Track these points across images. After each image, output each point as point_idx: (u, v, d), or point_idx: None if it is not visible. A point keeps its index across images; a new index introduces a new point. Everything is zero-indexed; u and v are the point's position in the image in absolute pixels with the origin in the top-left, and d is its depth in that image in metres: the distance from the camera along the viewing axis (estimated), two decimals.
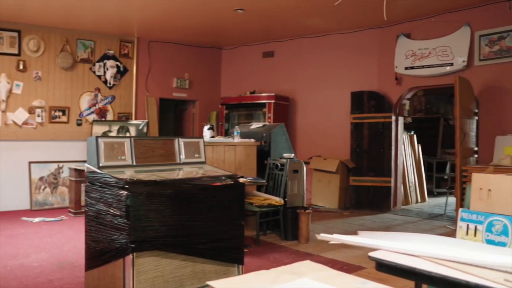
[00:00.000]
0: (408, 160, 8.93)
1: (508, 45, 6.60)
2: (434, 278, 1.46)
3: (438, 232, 6.39)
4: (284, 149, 6.53)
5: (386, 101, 7.94)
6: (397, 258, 1.60)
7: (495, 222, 2.14)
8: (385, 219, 7.32)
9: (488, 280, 1.32)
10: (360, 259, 4.76)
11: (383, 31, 8.07)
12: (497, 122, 6.68)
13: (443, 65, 7.17)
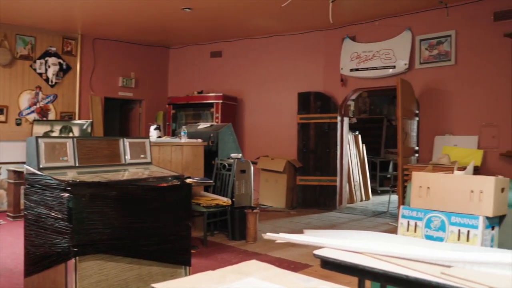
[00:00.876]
0: (353, 160, 9.16)
1: (446, 50, 6.90)
2: (376, 273, 1.50)
3: (381, 229, 6.59)
4: (231, 149, 6.53)
5: (331, 102, 8.10)
6: (341, 255, 1.64)
7: (434, 218, 2.23)
8: (331, 217, 7.46)
9: (426, 274, 1.37)
10: (306, 257, 4.83)
11: (329, 33, 8.24)
12: (436, 123, 6.97)
13: (386, 68, 7.41)
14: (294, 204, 8.31)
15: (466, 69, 6.74)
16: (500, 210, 2.15)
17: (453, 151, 6.44)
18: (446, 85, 6.92)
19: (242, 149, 7.59)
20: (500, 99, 6.45)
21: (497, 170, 6.18)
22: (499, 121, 6.44)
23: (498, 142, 6.42)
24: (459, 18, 6.80)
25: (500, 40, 6.42)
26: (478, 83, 6.63)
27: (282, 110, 8.74)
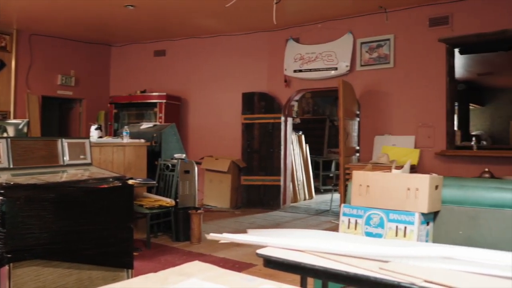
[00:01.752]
0: (297, 159, 9.29)
1: (386, 53, 7.14)
2: (317, 271, 1.52)
3: (324, 227, 6.72)
4: (175, 149, 6.45)
5: (275, 102, 8.19)
6: (284, 254, 1.65)
7: (373, 215, 2.30)
8: (275, 216, 7.54)
9: (365, 269, 1.41)
10: (251, 257, 4.85)
11: (273, 34, 8.31)
12: (376, 123, 7.20)
13: (328, 69, 7.57)
14: (239, 204, 8.32)
15: (404, 72, 7.00)
16: (434, 206, 2.25)
17: (392, 150, 6.67)
18: (385, 87, 7.16)
19: (186, 150, 7.52)
20: (435, 101, 6.75)
21: (432, 169, 6.46)
22: (434, 122, 6.74)
23: (433, 142, 6.72)
24: (398, 23, 7.06)
25: (435, 45, 6.72)
26: (415, 85, 6.91)
27: (226, 110, 8.73)
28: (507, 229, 2.22)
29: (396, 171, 2.40)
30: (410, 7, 6.94)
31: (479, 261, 1.52)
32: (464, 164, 6.47)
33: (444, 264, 1.46)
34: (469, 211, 2.33)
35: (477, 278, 1.32)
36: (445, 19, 6.68)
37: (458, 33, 6.58)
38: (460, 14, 6.59)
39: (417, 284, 1.27)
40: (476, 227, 2.30)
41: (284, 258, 1.61)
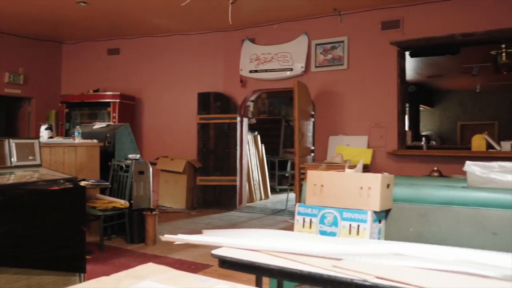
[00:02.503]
0: (253, 159, 9.32)
1: (340, 54, 7.27)
2: (272, 270, 1.53)
3: (280, 226, 6.77)
4: (129, 150, 6.34)
5: (231, 102, 8.18)
6: (239, 254, 1.65)
7: (327, 214, 2.33)
8: (231, 217, 7.53)
9: (319, 268, 1.43)
10: (207, 258, 4.82)
11: (229, 35, 8.31)
12: (330, 124, 7.32)
13: (284, 70, 7.63)
14: (195, 205, 8.26)
15: (357, 73, 7.15)
16: (386, 204, 2.31)
17: (346, 150, 6.80)
18: (339, 88, 7.29)
19: (140, 150, 7.40)
20: (387, 102, 6.93)
21: (384, 168, 6.64)
22: (386, 122, 6.92)
23: (385, 142, 6.90)
24: (351, 26, 7.20)
25: (387, 48, 6.90)
26: (368, 87, 7.07)
27: (182, 110, 8.65)
28: (455, 225, 2.31)
29: (349, 170, 2.45)
30: (363, 10, 7.09)
31: (428, 257, 1.57)
32: (414, 163, 6.68)
33: (395, 260, 1.50)
34: (419, 209, 2.40)
35: (426, 273, 1.36)
36: (396, 23, 6.87)
37: (409, 36, 6.79)
38: (411, 18, 6.80)
39: (369, 280, 1.30)
40: (425, 224, 2.38)
41: (239, 258, 1.61)
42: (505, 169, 2.29)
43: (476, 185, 2.36)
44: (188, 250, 5.18)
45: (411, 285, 1.23)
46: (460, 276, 1.33)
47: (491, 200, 2.24)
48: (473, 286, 1.25)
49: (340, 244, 1.83)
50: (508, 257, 1.59)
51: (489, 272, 1.32)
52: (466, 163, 2.39)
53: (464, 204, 2.30)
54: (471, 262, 1.50)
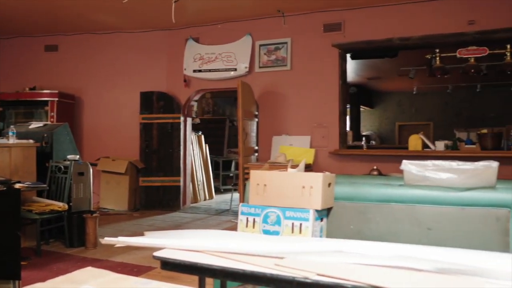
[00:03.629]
0: (197, 160, 9.26)
1: (283, 55, 7.36)
2: (215, 270, 1.52)
3: (224, 226, 6.77)
4: (68, 150, 6.13)
5: (175, 102, 8.09)
6: (181, 255, 1.63)
7: (270, 213, 2.35)
8: (175, 217, 7.44)
9: (261, 266, 1.44)
10: (150, 260, 4.73)
11: (172, 33, 8.21)
12: (274, 124, 7.40)
13: (228, 70, 7.63)
14: (137, 206, 8.10)
15: (300, 74, 7.27)
16: (327, 203, 2.35)
17: (289, 150, 6.89)
18: (282, 89, 7.38)
19: (80, 151, 7.17)
20: (329, 103, 7.09)
21: (326, 167, 6.78)
22: (328, 122, 7.08)
23: (327, 142, 7.05)
24: (294, 27, 7.31)
25: (329, 50, 7.06)
26: (310, 88, 7.20)
27: (123, 110, 8.46)
28: (392, 222, 2.39)
29: (291, 170, 2.48)
30: (306, 13, 7.22)
31: (367, 253, 1.61)
32: (355, 162, 6.87)
33: (336, 257, 1.53)
34: (359, 207, 2.46)
35: (365, 268, 1.40)
36: (338, 26, 7.04)
37: (350, 39, 6.97)
38: (352, 21, 6.98)
39: (310, 278, 1.32)
40: (365, 221, 2.45)
41: (181, 260, 1.59)
42: (438, 167, 2.39)
43: (412, 183, 2.45)
44: (130, 253, 5.07)
45: (350, 281, 1.26)
46: (397, 270, 1.38)
47: (426, 197, 2.34)
48: (407, 279, 1.30)
49: (282, 242, 1.85)
50: (441, 251, 1.66)
51: (423, 265, 1.38)
52: (403, 162, 2.47)
53: (401, 201, 2.39)
54: (407, 256, 1.56)
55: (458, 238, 2.26)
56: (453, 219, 2.29)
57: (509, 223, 2.19)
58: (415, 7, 6.65)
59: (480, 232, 2.24)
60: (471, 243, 2.23)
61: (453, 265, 1.41)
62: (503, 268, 1.42)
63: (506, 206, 2.20)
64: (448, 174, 2.35)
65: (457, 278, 1.31)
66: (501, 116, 14.00)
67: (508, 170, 5.78)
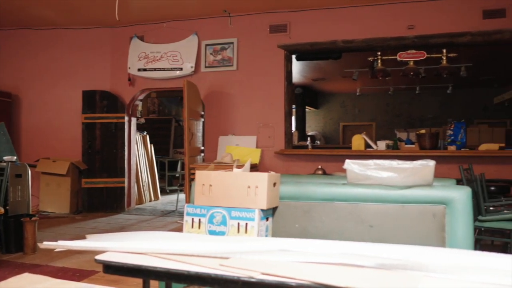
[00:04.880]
0: (142, 160, 9.09)
1: (229, 56, 7.36)
2: (159, 272, 1.50)
3: (170, 227, 6.68)
4: (4, 151, 5.84)
5: (119, 101, 7.90)
6: (124, 257, 1.60)
7: (216, 214, 2.34)
8: (119, 220, 7.27)
9: (206, 267, 1.43)
10: (93, 264, 4.56)
11: (117, 31, 8.01)
12: (220, 124, 7.38)
13: (173, 69, 7.54)
14: (80, 209, 7.85)
15: (246, 75, 7.29)
16: (273, 202, 2.38)
17: (235, 150, 6.90)
18: (229, 89, 7.38)
19: (18, 151, 6.87)
20: (275, 103, 7.15)
21: (272, 167, 6.85)
22: (274, 123, 7.14)
23: (273, 142, 7.12)
24: (241, 28, 7.32)
25: (275, 50, 7.13)
26: (256, 88, 7.24)
27: (65, 109, 8.17)
28: (336, 220, 2.44)
29: (237, 170, 2.48)
30: (252, 13, 7.25)
31: (312, 251, 1.64)
32: (300, 162, 6.97)
33: (281, 256, 1.55)
34: (304, 206, 2.50)
35: (309, 266, 1.42)
36: (283, 27, 7.12)
37: (295, 41, 7.07)
38: (297, 23, 7.08)
39: (255, 277, 1.32)
40: (310, 219, 2.49)
41: (124, 262, 1.55)
42: (380, 166, 2.47)
43: (355, 181, 2.51)
44: (72, 257, 4.90)
45: (295, 279, 1.28)
46: (340, 267, 1.41)
47: (368, 196, 2.40)
48: (350, 275, 1.33)
49: (228, 242, 1.85)
50: (382, 247, 1.71)
51: (365, 262, 1.42)
52: (346, 162, 2.53)
53: (344, 200, 2.44)
54: (350, 254, 1.59)
55: (399, 234, 2.35)
56: (393, 216, 2.37)
57: (445, 219, 2.30)
58: (358, 11, 6.83)
59: (419, 228, 2.34)
60: (410, 239, 2.32)
61: (393, 261, 1.46)
62: (439, 261, 1.48)
63: (442, 203, 2.30)
64: (388, 173, 2.43)
65: (397, 272, 1.36)
66: (438, 117, 14.69)
67: (445, 168, 6.07)
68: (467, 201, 2.28)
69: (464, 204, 2.28)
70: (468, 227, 2.28)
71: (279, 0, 6.79)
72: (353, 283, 1.23)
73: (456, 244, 2.26)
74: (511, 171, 6.05)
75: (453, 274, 1.34)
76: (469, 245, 2.27)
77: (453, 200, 2.28)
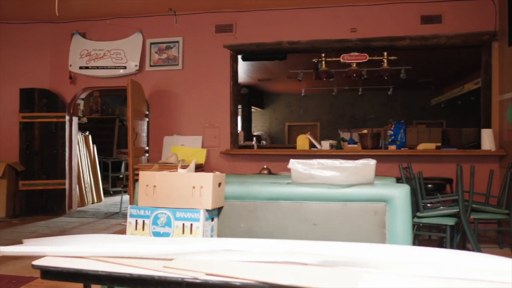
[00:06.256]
0: (84, 161, 8.82)
1: (174, 55, 7.27)
2: (100, 276, 1.46)
3: (113, 230, 6.53)
4: None
5: (59, 100, 7.63)
6: (64, 262, 1.54)
7: (160, 215, 2.31)
8: (60, 223, 7.03)
9: (149, 269, 1.41)
10: (31, 270, 4.40)
11: (57, 27, 7.73)
12: (165, 124, 7.28)
13: (117, 68, 7.36)
14: (17, 212, 7.51)
15: (192, 74, 7.24)
16: (218, 202, 2.37)
17: (181, 150, 6.83)
18: (174, 88, 7.29)
19: None
20: (221, 103, 7.14)
21: (217, 167, 6.84)
22: (220, 123, 7.13)
23: (219, 142, 7.10)
24: (186, 27, 7.26)
25: (221, 50, 7.12)
26: (202, 88, 7.20)
27: (1, 108, 7.78)
28: (281, 219, 2.47)
29: (182, 170, 2.46)
30: (198, 13, 7.20)
31: (256, 250, 1.65)
32: (246, 162, 7.00)
33: (226, 256, 1.55)
34: (249, 205, 2.51)
35: (253, 266, 1.43)
36: (229, 27, 7.12)
37: (241, 41, 7.09)
38: (243, 23, 7.10)
39: (199, 278, 1.32)
40: (255, 219, 2.50)
41: (64, 267, 1.50)
42: (323, 166, 2.51)
43: (299, 181, 2.55)
44: (8, 263, 4.69)
45: (238, 278, 1.28)
46: (284, 265, 1.43)
47: (312, 194, 2.45)
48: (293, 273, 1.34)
49: (172, 244, 1.83)
50: (326, 245, 1.75)
51: (309, 259, 1.44)
52: (290, 161, 2.56)
53: (289, 199, 2.47)
54: (294, 252, 1.62)
55: (341, 232, 2.40)
56: (336, 214, 2.42)
57: (385, 216, 2.37)
58: (304, 13, 6.94)
59: (361, 226, 2.40)
60: (353, 236, 2.38)
61: (336, 258, 1.49)
62: (380, 257, 1.53)
63: (382, 201, 2.38)
64: (331, 172, 2.48)
65: (340, 269, 1.39)
66: (380, 118, 15.20)
67: (385, 167, 6.28)
68: (406, 198, 2.37)
69: (403, 202, 2.36)
70: (407, 223, 2.37)
71: (225, 0, 6.79)
72: (296, 281, 1.25)
73: (396, 240, 2.34)
74: (447, 170, 6.34)
75: (392, 269, 1.38)
76: (408, 240, 2.36)
77: (393, 198, 2.36)
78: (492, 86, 6.46)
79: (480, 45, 6.60)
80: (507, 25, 6.07)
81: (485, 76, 6.58)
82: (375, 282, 1.29)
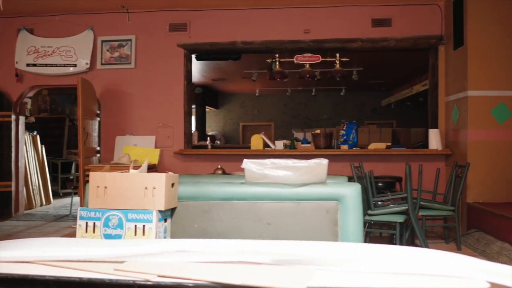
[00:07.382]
0: (31, 162, 8.51)
1: (127, 53, 7.14)
2: (47, 281, 1.41)
3: (63, 233, 6.34)
4: None
5: (5, 98, 7.33)
6: (7, 267, 1.48)
7: (112, 216, 2.26)
8: (5, 227, 6.76)
9: (99, 273, 1.37)
10: None
11: (2, 22, 7.41)
12: (117, 123, 7.13)
13: (67, 65, 7.16)
14: None
15: (145, 73, 7.12)
16: (171, 203, 2.34)
17: (133, 150, 6.71)
18: (126, 87, 7.16)
19: None
20: (174, 103, 7.07)
21: (171, 167, 6.76)
22: (173, 122, 7.06)
23: (172, 142, 7.03)
24: (139, 25, 7.14)
25: (174, 49, 7.04)
26: (155, 87, 7.10)
27: None
28: (235, 219, 2.48)
29: (134, 171, 2.41)
30: (151, 11, 7.10)
31: (210, 251, 1.64)
32: (200, 162, 6.96)
33: (179, 257, 1.53)
34: (203, 205, 2.50)
35: (206, 266, 1.42)
36: (183, 26, 7.05)
37: (195, 40, 7.04)
38: (197, 23, 7.06)
39: (151, 280, 1.29)
40: (209, 219, 2.49)
41: (7, 273, 1.44)
42: (276, 165, 2.53)
43: (253, 180, 2.56)
44: None
45: (191, 279, 1.27)
46: (237, 265, 1.43)
47: (265, 194, 2.46)
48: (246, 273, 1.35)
49: (124, 246, 1.79)
50: (279, 243, 1.76)
51: (262, 259, 1.45)
52: (244, 161, 2.57)
53: (242, 199, 2.48)
54: (248, 251, 1.62)
55: (295, 231, 2.43)
56: (290, 213, 2.45)
57: (337, 214, 2.42)
58: (258, 13, 6.97)
59: (314, 224, 2.44)
60: (306, 234, 2.41)
61: (289, 256, 1.50)
62: (332, 255, 1.56)
63: (334, 199, 2.43)
64: (284, 171, 2.51)
65: (292, 267, 1.40)
66: (333, 118, 15.48)
67: (337, 166, 6.40)
68: (357, 197, 2.43)
69: (354, 200, 2.42)
70: (359, 221, 2.42)
71: None
72: (249, 280, 1.25)
73: (348, 237, 2.39)
74: (397, 168, 6.53)
75: (344, 266, 1.41)
76: (360, 238, 2.41)
77: (345, 196, 2.41)
78: (439, 88, 6.71)
79: (427, 48, 6.84)
80: (452, 30, 6.33)
81: (432, 78, 6.83)
82: (326, 279, 1.31)
